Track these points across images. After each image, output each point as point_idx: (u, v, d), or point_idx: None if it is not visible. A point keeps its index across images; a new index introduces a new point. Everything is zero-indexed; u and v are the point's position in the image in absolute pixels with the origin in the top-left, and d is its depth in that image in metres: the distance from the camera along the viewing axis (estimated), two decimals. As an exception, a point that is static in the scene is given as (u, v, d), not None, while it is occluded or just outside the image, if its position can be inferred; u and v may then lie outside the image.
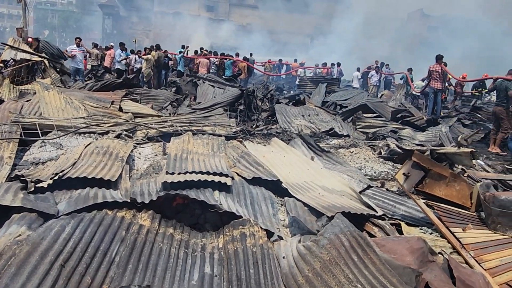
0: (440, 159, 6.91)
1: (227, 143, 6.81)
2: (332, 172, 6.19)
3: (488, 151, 9.03)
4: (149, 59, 15.62)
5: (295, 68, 24.05)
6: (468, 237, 4.23)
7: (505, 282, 3.72)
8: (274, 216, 4.53)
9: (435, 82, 11.90)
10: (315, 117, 10.54)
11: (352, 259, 3.21)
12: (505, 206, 4.39)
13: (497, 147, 9.23)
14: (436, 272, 3.34)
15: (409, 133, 9.48)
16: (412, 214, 4.96)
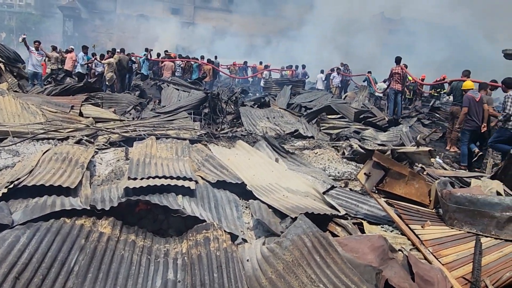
0: (401, 158, 7.12)
1: (192, 146, 6.75)
2: (296, 173, 6.25)
3: (446, 149, 9.36)
4: (111, 62, 15.29)
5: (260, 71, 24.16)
6: (427, 234, 4.36)
7: (461, 276, 3.86)
8: (238, 219, 4.52)
9: (395, 83, 12.25)
10: (280, 119, 10.62)
11: (315, 259, 3.25)
12: (461, 203, 4.55)
13: (453, 145, 9.58)
14: (396, 269, 3.42)
15: (371, 134, 9.70)
16: (374, 212, 5.07)
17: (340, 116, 11.28)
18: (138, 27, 48.22)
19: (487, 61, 22.80)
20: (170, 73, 18.05)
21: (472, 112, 8.55)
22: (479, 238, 4.30)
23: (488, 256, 4.10)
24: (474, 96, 8.67)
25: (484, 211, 4.43)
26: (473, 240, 4.32)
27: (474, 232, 4.43)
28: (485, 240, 4.31)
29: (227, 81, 25.59)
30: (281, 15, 50.41)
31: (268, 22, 52.09)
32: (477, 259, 3.99)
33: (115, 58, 15.57)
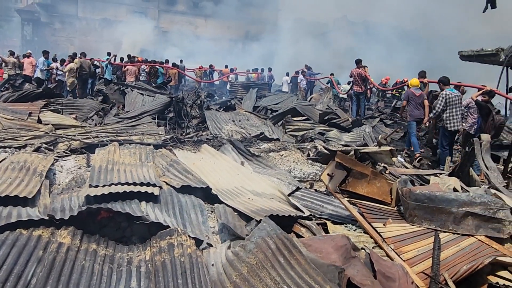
0: (364, 158, 7.26)
1: (156, 151, 6.66)
2: (262, 176, 6.27)
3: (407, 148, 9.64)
4: (71, 67, 14.88)
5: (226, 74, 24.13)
6: (389, 231, 4.48)
7: (422, 271, 3.98)
8: (203, 223, 4.49)
9: (356, 85, 12.52)
10: (246, 122, 10.65)
11: (279, 261, 3.27)
12: (420, 200, 4.70)
13: (415, 145, 9.86)
14: (358, 267, 3.49)
15: (335, 135, 9.87)
16: (339, 212, 5.15)
17: (305, 118, 11.42)
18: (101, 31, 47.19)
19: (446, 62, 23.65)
20: (134, 78, 17.73)
21: (412, 105, 9.39)
22: (438, 234, 4.45)
23: (447, 251, 4.25)
24: (415, 92, 9.50)
25: (442, 207, 4.59)
26: (432, 236, 4.46)
27: (433, 228, 4.58)
28: (444, 235, 4.46)
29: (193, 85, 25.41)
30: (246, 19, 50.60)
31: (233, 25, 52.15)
32: (436, 254, 4.13)
33: (76, 62, 15.15)
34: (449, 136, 8.42)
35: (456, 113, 8.31)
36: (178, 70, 20.45)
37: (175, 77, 19.81)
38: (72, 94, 14.95)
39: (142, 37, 43.02)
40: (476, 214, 4.49)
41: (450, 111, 8.33)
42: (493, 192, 5.30)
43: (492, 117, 7.74)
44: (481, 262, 3.94)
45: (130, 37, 41.69)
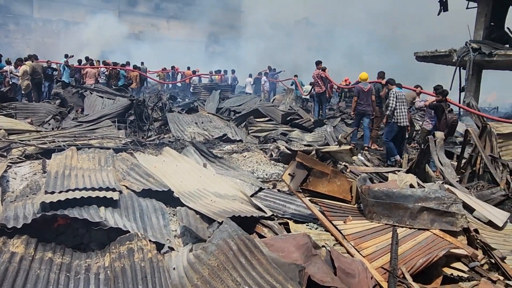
0: (325, 157, 7.41)
1: (116, 155, 6.52)
2: (224, 177, 6.26)
3: (368, 147, 9.89)
4: (24, 70, 14.29)
5: (189, 76, 23.92)
6: (349, 228, 4.57)
7: (381, 266, 4.09)
8: (165, 227, 4.43)
9: (317, 86, 12.73)
10: (209, 124, 10.60)
11: (240, 262, 3.27)
12: (378, 197, 4.82)
13: (374, 143, 10.15)
14: (319, 264, 3.55)
15: (298, 135, 9.99)
16: (301, 211, 5.21)
17: (268, 119, 11.50)
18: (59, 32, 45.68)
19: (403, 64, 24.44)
20: (93, 81, 17.28)
21: (361, 99, 10.07)
22: (396, 229, 4.58)
23: (404, 245, 4.39)
24: (363, 87, 10.11)
25: (399, 203, 4.73)
26: (390, 231, 4.58)
27: (391, 224, 4.72)
28: (401, 231, 4.60)
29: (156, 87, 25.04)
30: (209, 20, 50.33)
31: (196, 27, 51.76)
32: (394, 249, 4.25)
33: (28, 65, 14.56)
34: (398, 131, 8.86)
35: (403, 110, 8.79)
36: (139, 72, 20.08)
37: (136, 79, 19.44)
38: (27, 98, 14.39)
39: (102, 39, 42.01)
40: (431, 208, 4.66)
41: (399, 108, 8.78)
42: (446, 187, 5.53)
43: (445, 116, 8.06)
44: (436, 255, 4.09)
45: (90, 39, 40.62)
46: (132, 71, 19.76)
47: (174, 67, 26.55)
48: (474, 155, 7.84)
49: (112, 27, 43.47)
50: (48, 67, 15.86)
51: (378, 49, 35.93)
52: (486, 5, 15.51)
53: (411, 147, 10.21)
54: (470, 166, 7.87)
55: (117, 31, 44.39)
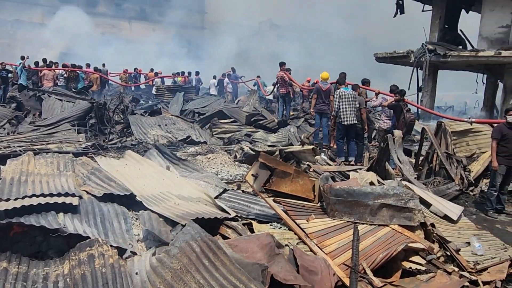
0: (289, 158, 7.50)
1: (76, 160, 6.36)
2: (188, 180, 6.23)
3: (330, 146, 10.07)
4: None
5: (151, 78, 23.56)
6: (312, 227, 4.65)
7: (343, 262, 4.19)
8: (127, 231, 4.37)
9: (281, 87, 12.85)
10: (172, 126, 10.50)
11: (204, 264, 3.27)
12: (340, 195, 4.93)
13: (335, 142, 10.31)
14: (282, 263, 3.59)
15: (262, 136, 10.06)
16: (265, 212, 5.26)
17: (232, 120, 11.51)
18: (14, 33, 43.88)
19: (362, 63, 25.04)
20: (51, 83, 16.71)
21: (319, 98, 10.23)
22: (357, 226, 4.70)
23: (365, 241, 4.51)
24: (322, 86, 10.26)
25: (360, 200, 4.86)
26: (352, 228, 4.70)
27: (352, 221, 4.84)
28: (362, 227, 4.73)
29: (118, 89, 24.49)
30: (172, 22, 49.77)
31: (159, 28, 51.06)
32: (355, 246, 4.36)
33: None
34: (343, 129, 9.12)
35: (348, 109, 9.00)
36: (100, 75, 19.60)
37: (97, 81, 18.96)
38: (-19, 102, 13.78)
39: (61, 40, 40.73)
40: (390, 205, 4.81)
41: (343, 107, 9.01)
42: (404, 184, 5.72)
43: (403, 115, 8.33)
44: (395, 249, 4.23)
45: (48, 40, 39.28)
46: (92, 73, 19.26)
47: (137, 69, 26.09)
48: (431, 152, 8.15)
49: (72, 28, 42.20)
50: (2, 69, 15.22)
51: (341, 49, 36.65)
52: (440, 8, 16.13)
53: (371, 146, 10.47)
54: (427, 163, 8.18)
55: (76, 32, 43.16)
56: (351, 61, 28.52)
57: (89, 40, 43.07)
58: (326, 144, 10.05)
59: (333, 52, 35.50)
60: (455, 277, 4.32)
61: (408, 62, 15.54)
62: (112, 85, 24.84)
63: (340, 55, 33.71)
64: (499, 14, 14.29)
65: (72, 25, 42.74)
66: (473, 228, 5.92)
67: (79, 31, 42.33)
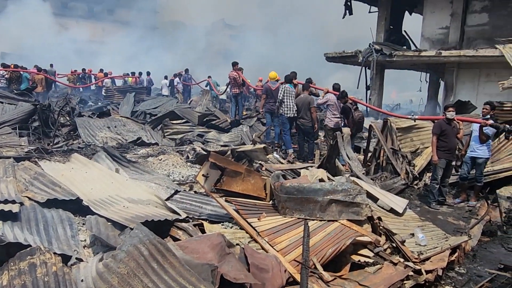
0: (241, 157, 7.52)
1: (18, 165, 6.05)
2: (138, 182, 6.10)
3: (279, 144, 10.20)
4: None
5: (101, 79, 22.85)
6: (263, 225, 4.68)
7: (294, 259, 4.25)
8: (73, 238, 4.21)
9: (234, 87, 12.86)
10: (122, 128, 10.23)
11: (152, 267, 3.21)
12: (290, 192, 5.00)
13: (289, 140, 10.48)
14: (232, 262, 3.59)
15: (214, 136, 10.02)
16: (217, 212, 5.24)
17: (185, 121, 11.38)
18: None
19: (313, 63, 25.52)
20: (-9, 85, 15.84)
21: (270, 97, 10.52)
22: (307, 222, 4.79)
23: (315, 237, 4.60)
24: (271, 86, 10.59)
25: (310, 197, 4.95)
26: (302, 225, 4.78)
27: (303, 218, 4.92)
28: (312, 223, 4.82)
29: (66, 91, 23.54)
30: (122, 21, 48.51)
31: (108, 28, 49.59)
32: (306, 242, 4.44)
33: None
34: (287, 122, 9.65)
35: (291, 104, 9.55)
36: (45, 75, 18.76)
37: (42, 83, 18.13)
38: None
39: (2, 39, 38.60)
40: (339, 200, 4.94)
41: (287, 101, 9.51)
42: (352, 180, 5.89)
43: (352, 114, 8.58)
44: (343, 244, 4.34)
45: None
46: (36, 74, 18.40)
47: (85, 69, 25.22)
48: (378, 148, 8.46)
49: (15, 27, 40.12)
50: None
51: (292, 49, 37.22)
52: (385, 10, 16.77)
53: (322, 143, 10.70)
54: (375, 159, 8.48)
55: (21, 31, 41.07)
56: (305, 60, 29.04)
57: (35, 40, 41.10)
58: (278, 142, 10.17)
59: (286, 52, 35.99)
60: (400, 268, 4.50)
61: (357, 61, 16.04)
62: (59, 86, 23.88)
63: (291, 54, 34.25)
64: (439, 16, 15.06)
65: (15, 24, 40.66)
66: (417, 220, 6.19)
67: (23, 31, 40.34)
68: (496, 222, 6.60)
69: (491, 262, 5.31)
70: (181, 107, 13.13)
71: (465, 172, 7.31)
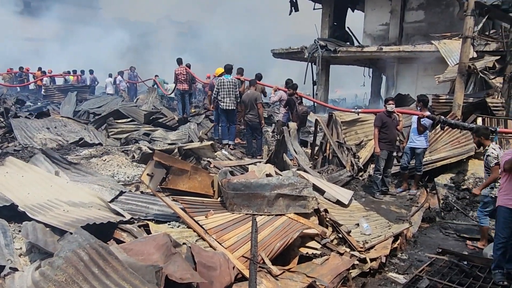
0: (188, 155, 7.42)
1: None
2: (80, 184, 5.84)
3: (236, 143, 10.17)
4: None
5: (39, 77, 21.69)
6: (211, 222, 4.63)
7: (242, 255, 4.24)
8: (6, 246, 3.95)
9: (180, 84, 12.66)
10: (63, 129, 9.77)
11: (93, 272, 3.07)
12: (238, 188, 4.99)
13: (238, 137, 10.47)
14: (178, 262, 3.51)
15: (161, 134, 9.80)
16: (164, 211, 5.12)
17: (130, 119, 11.05)
18: None
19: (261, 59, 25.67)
20: None
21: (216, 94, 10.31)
22: (255, 218, 4.78)
23: (263, 232, 4.61)
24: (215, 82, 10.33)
25: (257, 192, 4.96)
26: (250, 221, 4.78)
27: (251, 213, 4.92)
28: (260, 218, 4.83)
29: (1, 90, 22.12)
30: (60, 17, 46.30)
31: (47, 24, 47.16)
32: (254, 237, 4.44)
33: None
34: (222, 113, 9.81)
35: (226, 95, 9.64)
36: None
37: (-27, 82, 16.98)
38: None
39: None
40: (286, 194, 4.99)
41: (222, 93, 9.62)
42: (299, 173, 5.97)
43: (296, 108, 8.70)
44: (291, 237, 4.39)
45: None
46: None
47: (23, 68, 23.84)
48: (324, 142, 8.64)
49: None
50: None
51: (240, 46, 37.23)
52: (329, 7, 17.16)
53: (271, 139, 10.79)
54: (322, 152, 8.66)
55: None
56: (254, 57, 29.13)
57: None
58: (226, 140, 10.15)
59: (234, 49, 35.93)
60: (346, 257, 4.62)
61: (303, 57, 16.30)
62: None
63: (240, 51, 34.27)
64: (379, 13, 15.62)
65: None
66: (362, 210, 6.40)
67: None
68: (434, 208, 6.96)
69: (430, 246, 5.59)
70: (126, 106, 12.74)
71: (405, 162, 7.64)
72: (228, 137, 9.78)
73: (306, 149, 9.12)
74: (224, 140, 9.78)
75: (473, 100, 9.59)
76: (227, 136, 9.79)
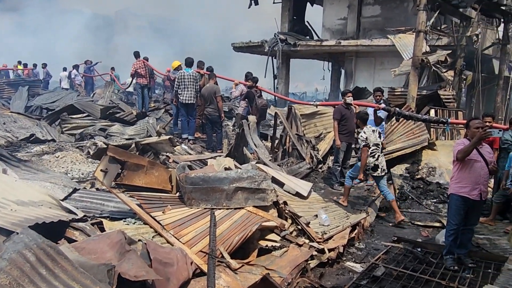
0: (146, 150, 7.25)
1: None
2: (30, 182, 5.56)
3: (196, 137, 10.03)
4: None
5: (-13, 71, 20.58)
6: (168, 218, 4.53)
7: (200, 250, 4.17)
8: None
9: (140, 78, 12.33)
10: (13, 125, 9.33)
11: (40, 273, 2.92)
12: (196, 183, 4.91)
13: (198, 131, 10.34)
14: (133, 260, 3.41)
15: (118, 129, 9.54)
16: (120, 208, 4.96)
17: (86, 114, 10.68)
18: None
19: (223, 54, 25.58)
20: None
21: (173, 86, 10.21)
22: (214, 212, 4.74)
23: (222, 226, 4.57)
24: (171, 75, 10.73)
25: (215, 186, 4.90)
26: (209, 215, 4.72)
27: (209, 207, 4.85)
28: (219, 212, 4.78)
29: None
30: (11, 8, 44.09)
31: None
32: (212, 231, 4.39)
33: None
34: (182, 107, 9.68)
35: (186, 89, 9.48)
36: None
37: None
38: None
39: None
40: (245, 187, 4.96)
41: (182, 87, 9.48)
42: (257, 166, 5.96)
43: (255, 102, 8.69)
44: (250, 230, 4.37)
45: None
46: None
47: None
48: (284, 135, 8.68)
49: None
50: None
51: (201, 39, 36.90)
52: (289, 1, 17.23)
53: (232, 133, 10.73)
54: (282, 145, 8.69)
55: None
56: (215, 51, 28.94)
57: None
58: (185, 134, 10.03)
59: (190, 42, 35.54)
60: (305, 249, 4.66)
61: (263, 51, 16.31)
62: None
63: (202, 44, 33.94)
64: (338, 7, 15.84)
65: None
66: (321, 201, 6.47)
67: None
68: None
69: (386, 235, 5.74)
70: (82, 101, 12.32)
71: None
72: (187, 132, 9.60)
73: (266, 142, 9.14)
74: (183, 134, 9.61)
75: (426, 93, 9.92)
76: (187, 130, 9.60)
